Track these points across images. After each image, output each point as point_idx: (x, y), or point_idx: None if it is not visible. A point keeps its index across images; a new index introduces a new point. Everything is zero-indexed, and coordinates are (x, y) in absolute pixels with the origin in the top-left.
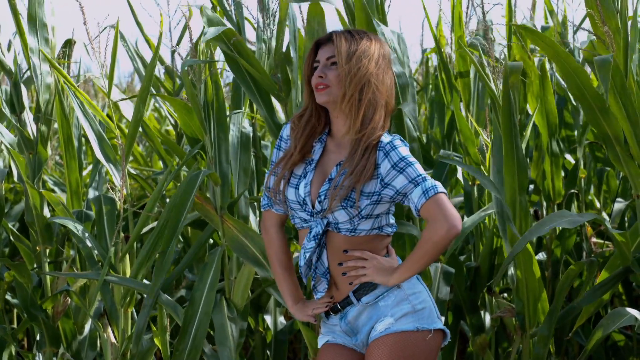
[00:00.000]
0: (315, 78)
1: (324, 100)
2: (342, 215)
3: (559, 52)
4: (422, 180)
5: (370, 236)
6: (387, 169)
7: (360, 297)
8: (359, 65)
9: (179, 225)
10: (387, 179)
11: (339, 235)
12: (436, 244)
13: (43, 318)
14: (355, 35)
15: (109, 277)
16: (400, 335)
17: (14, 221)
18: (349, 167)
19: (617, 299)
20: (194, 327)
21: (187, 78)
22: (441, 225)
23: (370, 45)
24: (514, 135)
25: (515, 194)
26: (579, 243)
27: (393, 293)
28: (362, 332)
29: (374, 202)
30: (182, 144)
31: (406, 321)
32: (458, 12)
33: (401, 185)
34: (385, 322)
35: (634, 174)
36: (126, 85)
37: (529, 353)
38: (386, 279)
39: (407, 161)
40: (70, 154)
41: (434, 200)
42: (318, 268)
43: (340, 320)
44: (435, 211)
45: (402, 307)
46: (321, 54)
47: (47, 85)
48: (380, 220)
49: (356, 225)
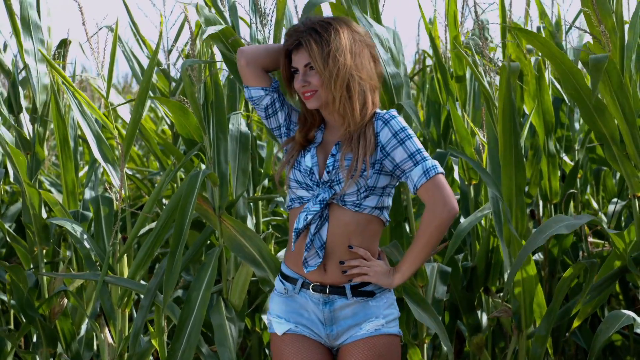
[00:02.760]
0: (299, 87)
1: (315, 106)
2: (351, 186)
3: (554, 52)
4: (422, 158)
5: (371, 217)
6: (388, 137)
7: (356, 294)
8: (337, 65)
9: (184, 227)
10: (387, 147)
11: (344, 210)
12: (438, 227)
13: (40, 319)
14: (322, 33)
15: (107, 278)
16: (388, 338)
17: (10, 222)
18: (353, 147)
19: (614, 299)
20: (189, 327)
21: (187, 78)
22: (442, 208)
23: (340, 37)
24: (515, 136)
25: (513, 194)
26: (575, 242)
27: (386, 295)
28: (341, 324)
29: (376, 170)
30: (178, 144)
31: (394, 325)
32: (453, 12)
33: (401, 159)
34: (375, 322)
35: (631, 173)
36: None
37: (526, 353)
38: (389, 281)
39: (407, 133)
40: (66, 155)
41: (434, 181)
42: (315, 241)
43: (325, 305)
44: (435, 193)
45: (392, 311)
46: (296, 60)
47: (44, 86)
48: (383, 200)
49: (362, 199)
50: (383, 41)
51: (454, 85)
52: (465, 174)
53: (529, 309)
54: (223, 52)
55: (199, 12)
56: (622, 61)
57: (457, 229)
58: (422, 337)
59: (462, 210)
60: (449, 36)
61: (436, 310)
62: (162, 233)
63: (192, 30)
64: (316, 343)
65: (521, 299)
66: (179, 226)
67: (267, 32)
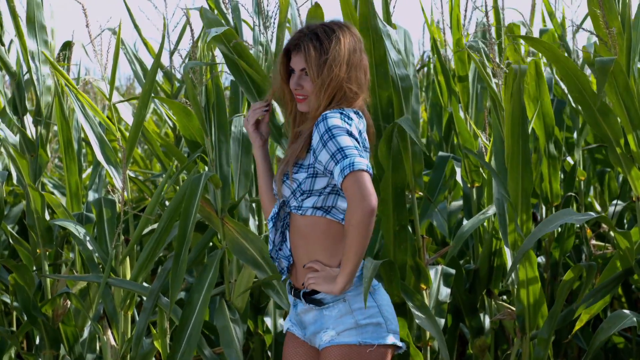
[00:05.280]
0: (292, 88)
1: (305, 110)
2: (285, 190)
3: (557, 55)
4: (342, 157)
5: (321, 219)
6: (316, 141)
7: (307, 300)
8: (331, 75)
9: (188, 229)
10: (316, 151)
11: (294, 216)
12: (355, 226)
13: (43, 320)
14: (323, 39)
15: (109, 280)
16: (343, 348)
17: (13, 224)
18: (289, 149)
19: (617, 302)
20: (189, 328)
21: (189, 80)
22: (357, 205)
23: (340, 47)
24: (523, 140)
25: (519, 197)
26: (577, 245)
27: (337, 306)
28: (309, 329)
29: (310, 175)
30: (180, 146)
31: (349, 334)
32: (456, 15)
33: (326, 161)
34: (328, 334)
35: (634, 175)
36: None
37: (529, 355)
38: (331, 287)
39: (331, 133)
40: (69, 157)
41: (351, 178)
42: (282, 250)
43: (293, 307)
44: (351, 190)
45: (344, 321)
46: (294, 62)
47: (47, 88)
48: (325, 200)
49: (301, 202)
50: (393, 42)
51: (456, 87)
52: (468, 177)
53: (533, 312)
54: (225, 55)
55: (202, 15)
56: (629, 63)
57: (460, 232)
58: (425, 340)
59: (465, 212)
60: (452, 39)
61: (439, 313)
62: (164, 235)
63: (194, 32)
64: (304, 343)
65: (525, 302)
66: (183, 229)
67: (269, 34)
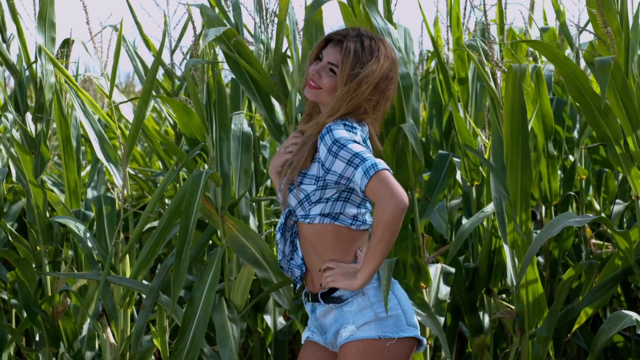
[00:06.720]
0: (311, 73)
1: (310, 97)
2: (292, 199)
3: (557, 56)
4: (360, 161)
5: (328, 226)
6: (324, 154)
7: (325, 299)
8: (358, 91)
9: (190, 227)
10: (327, 164)
11: (302, 224)
12: (388, 224)
13: (43, 317)
14: (365, 49)
15: (109, 278)
16: (363, 343)
17: (12, 221)
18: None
19: (616, 300)
20: (193, 327)
21: (190, 77)
22: (388, 203)
23: (377, 67)
24: (523, 139)
25: (518, 196)
26: (577, 244)
27: (357, 300)
28: (329, 331)
29: (320, 187)
30: (180, 144)
31: (368, 329)
32: (456, 13)
33: (342, 169)
34: (348, 329)
35: (634, 175)
36: (125, 85)
37: (528, 354)
38: (350, 282)
39: (340, 143)
40: (68, 154)
41: (376, 178)
42: (294, 259)
43: (312, 313)
44: (379, 189)
45: (364, 315)
46: (327, 52)
47: (50, 85)
48: (333, 207)
49: (308, 210)
50: (394, 40)
51: (456, 86)
52: (467, 175)
53: (532, 311)
54: (226, 53)
55: (203, 14)
56: (627, 63)
57: (459, 230)
58: (425, 337)
59: (464, 211)
60: (452, 37)
61: (439, 312)
62: (165, 233)
63: (196, 29)
64: (325, 349)
65: (525, 301)
66: (184, 227)
67: (270, 32)
